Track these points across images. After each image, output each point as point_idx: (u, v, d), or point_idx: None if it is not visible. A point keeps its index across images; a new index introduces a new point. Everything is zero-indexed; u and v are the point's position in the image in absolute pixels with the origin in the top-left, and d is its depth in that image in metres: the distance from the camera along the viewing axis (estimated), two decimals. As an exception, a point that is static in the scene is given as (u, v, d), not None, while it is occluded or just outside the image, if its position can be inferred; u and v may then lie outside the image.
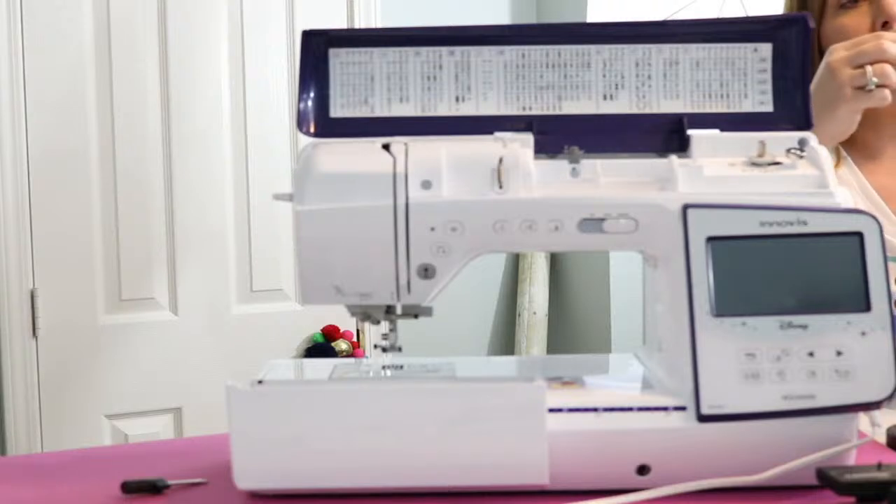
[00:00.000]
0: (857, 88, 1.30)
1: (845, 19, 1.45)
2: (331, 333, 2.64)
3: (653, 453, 0.94)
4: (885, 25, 1.41)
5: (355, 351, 2.66)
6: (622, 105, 1.06)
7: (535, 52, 1.06)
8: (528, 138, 1.01)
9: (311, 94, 1.05)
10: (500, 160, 0.98)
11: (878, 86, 1.28)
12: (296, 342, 2.63)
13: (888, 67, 1.28)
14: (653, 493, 0.91)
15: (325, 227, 0.97)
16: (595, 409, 0.94)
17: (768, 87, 1.06)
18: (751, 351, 0.93)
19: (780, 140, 1.00)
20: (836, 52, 1.32)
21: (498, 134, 1.02)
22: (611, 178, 0.99)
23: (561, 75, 1.06)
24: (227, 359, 2.52)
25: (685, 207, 0.95)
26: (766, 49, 1.05)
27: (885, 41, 1.29)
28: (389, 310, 1.02)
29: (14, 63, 2.32)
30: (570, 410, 0.94)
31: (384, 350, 1.04)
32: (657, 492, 0.91)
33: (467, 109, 1.06)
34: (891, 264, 0.97)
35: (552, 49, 1.06)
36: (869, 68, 1.29)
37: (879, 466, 0.89)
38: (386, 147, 0.99)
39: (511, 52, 1.06)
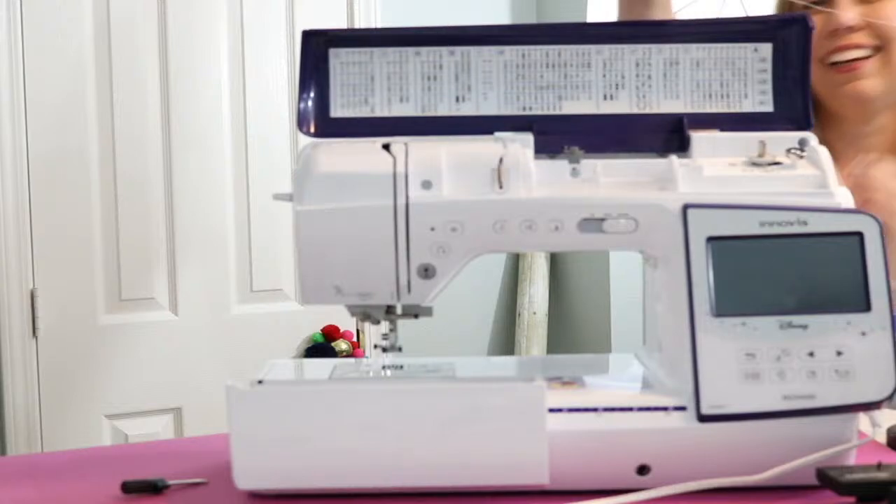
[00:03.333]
0: None
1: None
2: (331, 333, 2.64)
3: (653, 453, 0.94)
4: (834, 33, 1.41)
5: (355, 351, 2.66)
6: (622, 105, 1.06)
7: (535, 52, 1.06)
8: (528, 138, 1.01)
9: (311, 94, 1.05)
10: (500, 160, 0.98)
11: None
12: (296, 342, 2.63)
13: None
14: (653, 493, 0.91)
15: (325, 227, 0.97)
16: (595, 409, 0.94)
17: (768, 87, 1.06)
18: (751, 351, 0.93)
19: (780, 140, 1.01)
20: None
21: (498, 134, 1.02)
22: (611, 178, 0.99)
23: (561, 75, 1.06)
24: (227, 359, 2.52)
25: (685, 207, 0.95)
26: (766, 49, 1.05)
27: None
28: (389, 310, 1.02)
29: (14, 63, 2.32)
30: (570, 410, 0.94)
31: (384, 350, 1.04)
32: (657, 492, 0.91)
33: (467, 109, 1.06)
34: None
35: (552, 49, 1.06)
36: None
37: (879, 466, 0.89)
38: (386, 147, 0.99)
39: (511, 52, 1.06)
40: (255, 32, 2.56)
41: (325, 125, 1.05)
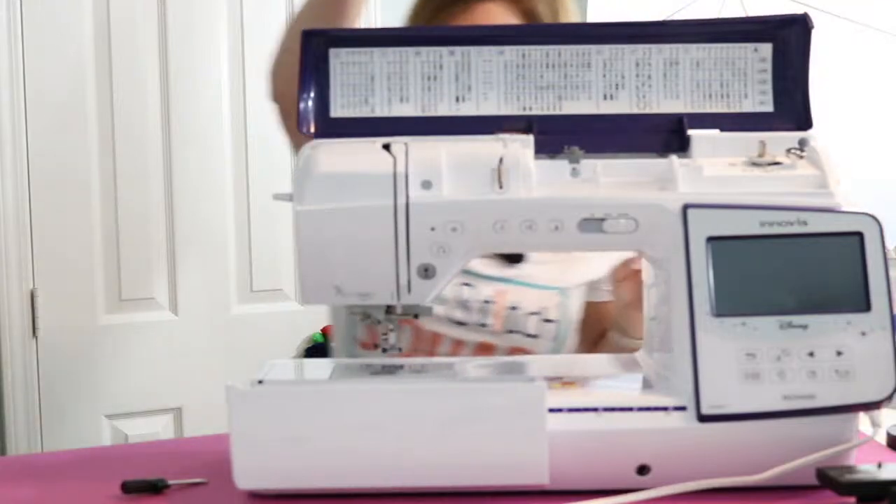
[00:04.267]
0: None
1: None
2: (331, 333, 2.64)
3: (653, 453, 0.94)
4: None
5: (355, 351, 2.66)
6: (622, 105, 1.06)
7: (535, 52, 1.06)
8: (528, 138, 1.01)
9: (312, 94, 1.05)
10: (500, 160, 0.98)
11: None
12: (296, 342, 2.63)
13: None
14: (653, 493, 0.91)
15: (325, 227, 0.97)
16: (595, 409, 0.94)
17: (768, 87, 1.06)
18: (751, 351, 0.93)
19: (780, 140, 1.00)
20: None
21: (498, 134, 1.02)
22: (611, 178, 0.99)
23: (561, 75, 1.06)
24: (227, 359, 2.52)
25: (685, 207, 0.95)
26: (766, 49, 1.05)
27: None
28: (389, 310, 1.02)
29: (14, 63, 2.32)
30: (570, 410, 0.94)
31: (384, 350, 1.04)
32: (657, 492, 0.91)
33: (467, 109, 1.06)
34: None
35: (552, 49, 1.06)
36: None
37: (879, 466, 0.89)
38: (386, 147, 0.99)
39: (511, 52, 1.06)
40: (255, 32, 2.56)
41: (325, 125, 1.05)
